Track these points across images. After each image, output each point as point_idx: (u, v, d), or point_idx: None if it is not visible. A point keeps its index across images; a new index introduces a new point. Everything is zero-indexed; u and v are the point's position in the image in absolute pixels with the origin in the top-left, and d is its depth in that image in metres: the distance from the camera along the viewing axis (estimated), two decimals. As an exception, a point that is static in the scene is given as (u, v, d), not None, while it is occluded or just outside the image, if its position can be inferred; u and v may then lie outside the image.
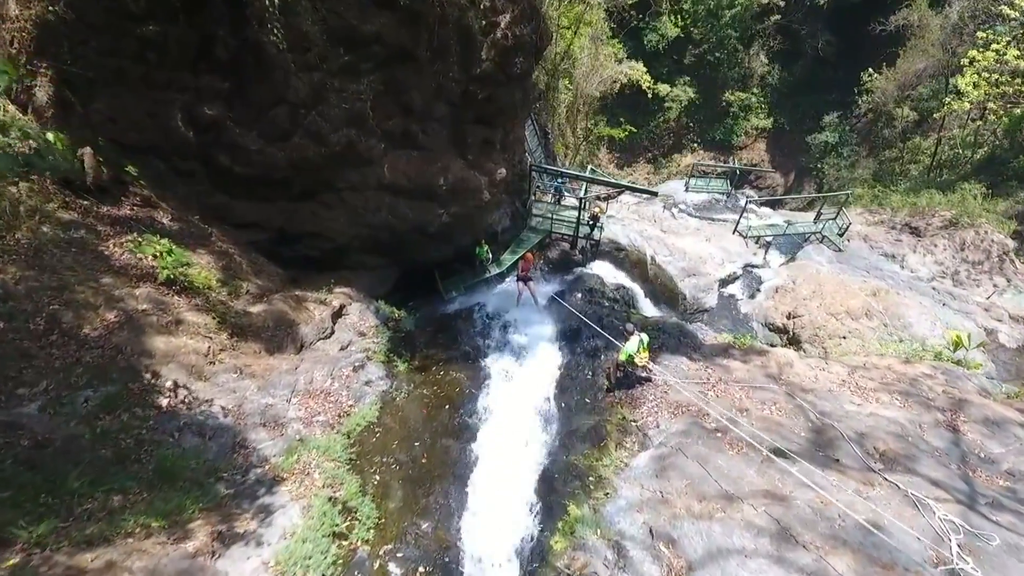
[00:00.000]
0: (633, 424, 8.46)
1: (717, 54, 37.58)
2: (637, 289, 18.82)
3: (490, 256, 15.88)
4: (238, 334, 8.39)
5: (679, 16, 36.44)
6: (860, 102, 34.05)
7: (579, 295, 13.32)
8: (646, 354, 9.19)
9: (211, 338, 7.91)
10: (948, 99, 24.94)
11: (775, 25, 36.77)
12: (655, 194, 17.25)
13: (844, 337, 19.42)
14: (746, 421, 7.92)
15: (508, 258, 16.76)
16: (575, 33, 21.68)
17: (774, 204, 31.82)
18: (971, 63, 22.71)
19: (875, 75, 32.88)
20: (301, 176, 12.13)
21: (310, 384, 8.41)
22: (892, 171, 33.39)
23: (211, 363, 7.70)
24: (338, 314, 10.71)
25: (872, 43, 34.01)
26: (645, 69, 28.86)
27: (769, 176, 37.88)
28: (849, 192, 24.88)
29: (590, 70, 25.54)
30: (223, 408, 7.37)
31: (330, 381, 8.67)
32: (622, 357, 8.97)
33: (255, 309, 8.95)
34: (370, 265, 14.75)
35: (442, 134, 13.65)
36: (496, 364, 11.09)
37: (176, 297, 8.33)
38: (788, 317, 20.16)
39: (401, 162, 13.21)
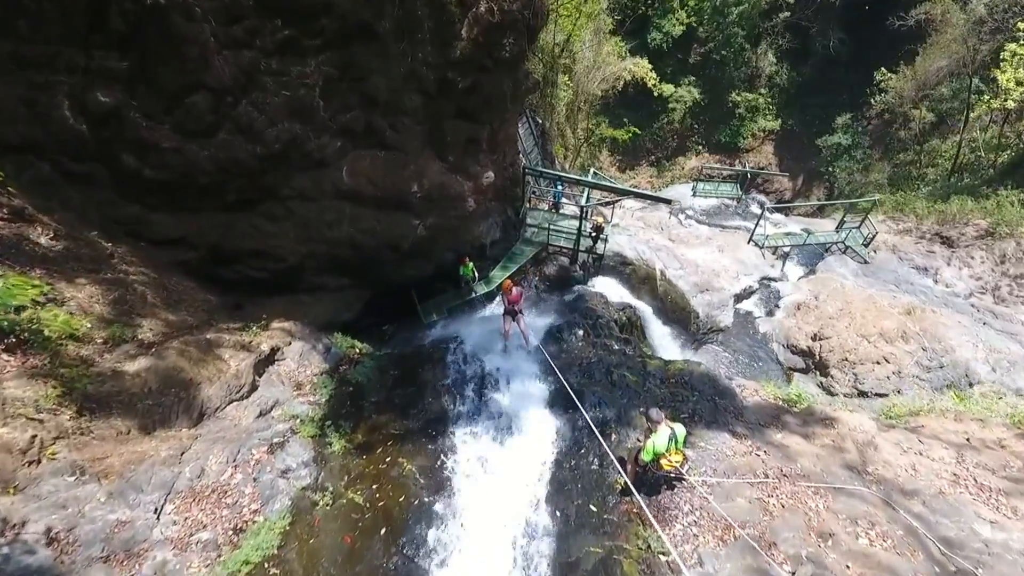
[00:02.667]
0: (662, 559, 5.51)
1: (723, 53, 34.69)
2: (645, 308, 16.05)
3: (476, 275, 13.10)
4: (95, 409, 5.65)
5: (684, 12, 33.52)
6: (874, 102, 31.21)
7: (579, 332, 10.23)
8: (680, 456, 6.02)
9: (41, 421, 5.17)
10: (986, 97, 22.00)
11: (784, 23, 33.88)
12: (669, 202, 14.45)
13: (878, 363, 16.62)
14: (836, 560, 5.09)
15: (498, 275, 13.98)
16: (577, 18, 18.86)
17: (785, 211, 29.02)
18: (1012, 56, 19.77)
19: (890, 74, 30.04)
20: (234, 182, 9.37)
21: (199, 478, 5.64)
22: (908, 175, 30.60)
23: (33, 463, 4.97)
24: (268, 360, 7.94)
25: (887, 41, 31.26)
26: (651, 66, 25.96)
27: (777, 180, 34.98)
28: (875, 199, 21.94)
29: (592, 65, 22.70)
30: (40, 536, 4.63)
31: (231, 471, 5.89)
32: (645, 457, 5.89)
33: (132, 367, 6.20)
34: (332, 287, 11.99)
35: (416, 131, 10.87)
36: (466, 444, 7.56)
37: (4, 357, 5.58)
38: (813, 339, 17.35)
39: (364, 164, 10.44)
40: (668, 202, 14.45)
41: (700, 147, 36.23)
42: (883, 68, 30.17)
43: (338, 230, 10.74)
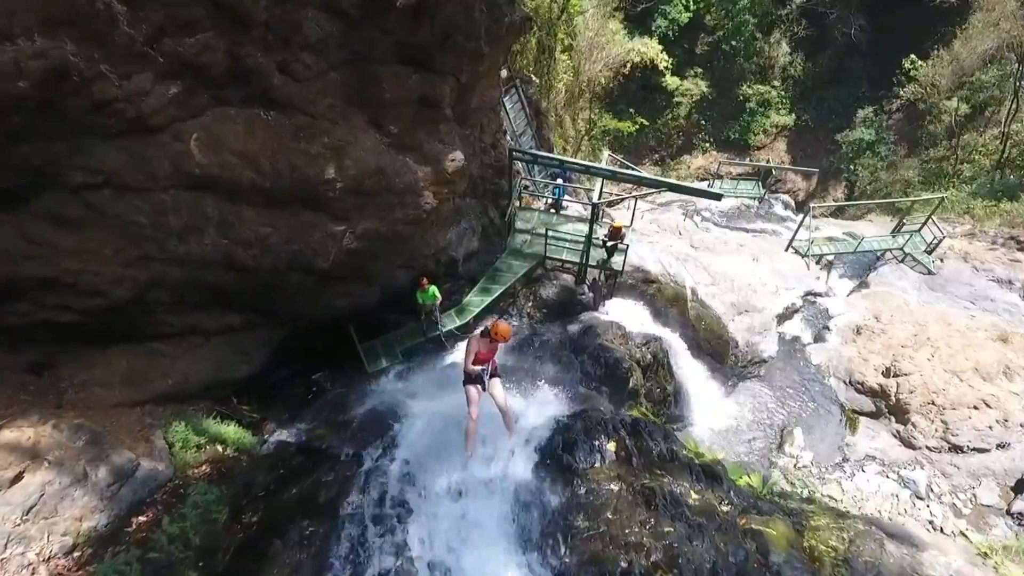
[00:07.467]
0: None
1: (733, 43, 30.14)
2: (673, 339, 11.43)
3: (439, 298, 8.44)
4: None
5: (690, -1, 28.93)
6: (902, 92, 26.77)
7: (608, 448, 4.64)
8: None
9: None
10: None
11: (799, 9, 29.40)
12: (719, 197, 9.92)
13: (975, 407, 11.96)
14: None
15: (475, 302, 9.34)
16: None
17: (808, 212, 24.49)
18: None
19: (920, 62, 25.68)
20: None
21: None
22: (941, 172, 26.13)
23: None
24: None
25: (913, 27, 27.00)
26: (661, 47, 21.33)
27: (790, 180, 30.50)
28: (942, 196, 17.37)
29: (594, 41, 18.10)
30: None
31: None
32: None
33: None
34: (211, 328, 7.30)
35: (329, 79, 6.21)
36: None
37: None
38: (886, 374, 12.73)
39: (234, 132, 5.77)
40: (718, 197, 9.89)
41: (708, 144, 31.70)
42: (912, 56, 25.80)
43: (198, 242, 6.07)
